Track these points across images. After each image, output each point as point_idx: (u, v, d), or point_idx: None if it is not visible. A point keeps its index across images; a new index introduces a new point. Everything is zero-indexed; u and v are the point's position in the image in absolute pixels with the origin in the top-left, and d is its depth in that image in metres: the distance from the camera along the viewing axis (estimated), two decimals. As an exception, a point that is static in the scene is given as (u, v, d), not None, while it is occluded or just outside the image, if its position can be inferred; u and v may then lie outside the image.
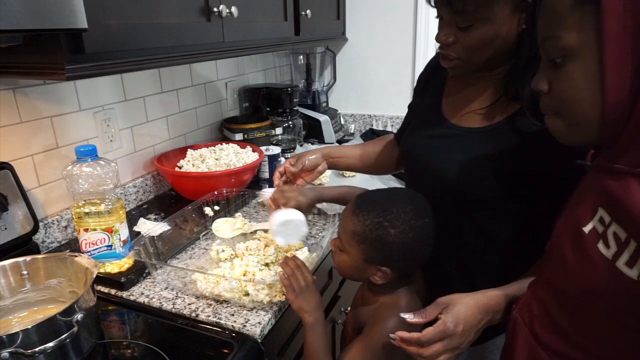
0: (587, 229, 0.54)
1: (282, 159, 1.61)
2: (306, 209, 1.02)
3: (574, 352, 0.59)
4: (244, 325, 0.87)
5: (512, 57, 0.80)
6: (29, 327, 0.68)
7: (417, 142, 0.96)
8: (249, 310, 0.91)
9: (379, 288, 0.83)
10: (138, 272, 1.01)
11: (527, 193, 0.81)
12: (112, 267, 1.02)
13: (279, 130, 1.81)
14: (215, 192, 1.29)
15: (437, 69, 0.94)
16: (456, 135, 0.88)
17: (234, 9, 1.13)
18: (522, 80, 0.78)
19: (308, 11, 1.59)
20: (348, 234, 0.79)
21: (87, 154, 0.95)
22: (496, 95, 0.84)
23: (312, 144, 2.07)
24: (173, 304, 0.93)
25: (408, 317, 0.73)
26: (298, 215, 0.97)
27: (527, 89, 0.75)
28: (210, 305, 0.93)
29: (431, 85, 1.00)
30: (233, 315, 0.90)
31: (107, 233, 0.99)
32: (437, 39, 0.82)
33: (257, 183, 1.56)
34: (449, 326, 0.70)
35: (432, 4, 0.81)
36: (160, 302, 0.94)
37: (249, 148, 1.57)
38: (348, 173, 1.65)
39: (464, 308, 0.72)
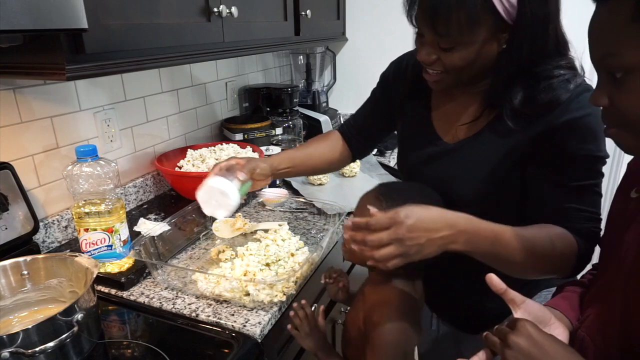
0: None
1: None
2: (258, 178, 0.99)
3: None
4: (244, 325, 0.87)
5: (491, 73, 0.82)
6: (30, 327, 0.68)
7: (414, 168, 0.98)
8: (249, 310, 0.91)
9: (379, 278, 0.85)
10: (138, 272, 1.02)
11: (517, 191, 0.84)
12: (112, 267, 1.02)
13: (279, 131, 1.81)
14: (216, 192, 1.29)
15: (420, 77, 0.92)
16: (449, 151, 0.90)
17: (234, 9, 1.13)
18: (502, 96, 0.81)
19: (308, 11, 1.59)
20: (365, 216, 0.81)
21: (88, 154, 0.95)
22: (481, 108, 0.87)
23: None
24: (173, 304, 0.93)
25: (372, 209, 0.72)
26: (226, 186, 0.89)
27: (507, 100, 0.80)
28: (210, 305, 0.93)
29: (417, 95, 0.99)
30: (233, 315, 0.90)
31: (107, 233, 0.99)
32: (419, 57, 0.84)
33: (257, 183, 1.55)
34: (399, 214, 0.67)
35: (415, 23, 0.84)
36: (160, 302, 0.94)
37: (249, 148, 1.57)
38: (347, 172, 1.65)
39: (424, 209, 0.70)
